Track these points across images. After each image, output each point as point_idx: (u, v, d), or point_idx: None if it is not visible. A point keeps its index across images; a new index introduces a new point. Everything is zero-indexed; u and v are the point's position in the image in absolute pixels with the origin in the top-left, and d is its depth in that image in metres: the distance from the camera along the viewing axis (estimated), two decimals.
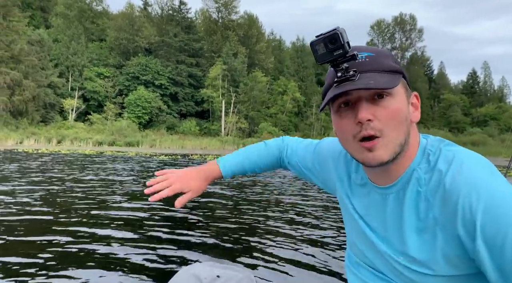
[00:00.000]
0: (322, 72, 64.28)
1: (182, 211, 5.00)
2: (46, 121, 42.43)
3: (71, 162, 14.49)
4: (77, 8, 52.69)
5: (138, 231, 3.88)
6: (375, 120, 0.76)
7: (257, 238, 3.71)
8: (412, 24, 67.61)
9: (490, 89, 75.03)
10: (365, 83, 0.73)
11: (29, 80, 39.65)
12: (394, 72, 0.79)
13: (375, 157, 0.76)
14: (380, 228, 0.86)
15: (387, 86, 0.73)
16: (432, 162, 0.78)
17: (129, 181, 8.55)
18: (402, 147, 0.77)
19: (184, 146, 39.09)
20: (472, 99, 67.04)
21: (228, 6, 58.97)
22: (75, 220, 4.30)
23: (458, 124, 59.30)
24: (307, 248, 3.42)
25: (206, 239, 3.61)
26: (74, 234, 3.61)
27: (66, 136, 37.08)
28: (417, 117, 0.83)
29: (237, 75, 50.95)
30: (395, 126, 0.76)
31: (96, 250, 3.13)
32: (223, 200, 6.25)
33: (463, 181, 0.71)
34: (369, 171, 0.88)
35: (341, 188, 0.99)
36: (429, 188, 0.76)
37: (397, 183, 0.81)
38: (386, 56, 0.80)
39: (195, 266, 1.07)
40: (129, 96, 46.78)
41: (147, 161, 17.51)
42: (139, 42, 51.40)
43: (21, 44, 39.79)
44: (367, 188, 0.90)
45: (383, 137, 0.76)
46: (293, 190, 7.79)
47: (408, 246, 0.78)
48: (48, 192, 6.31)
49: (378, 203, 0.86)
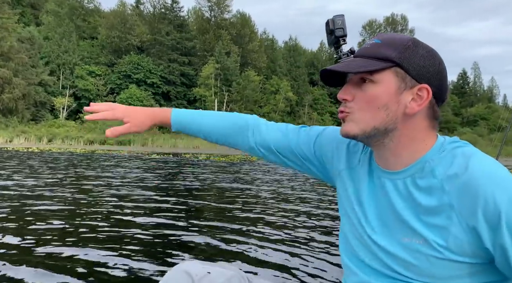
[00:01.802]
0: (314, 71, 64.51)
1: (171, 210, 5.00)
2: (36, 120, 42.02)
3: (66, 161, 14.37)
4: (68, 5, 52.26)
5: (127, 230, 3.88)
6: (352, 101, 0.84)
7: (247, 237, 3.73)
8: (404, 24, 68.21)
9: (480, 90, 76.01)
10: (344, 65, 0.84)
11: (19, 78, 39.24)
12: (384, 60, 0.81)
13: (342, 129, 0.87)
14: (383, 214, 0.87)
15: (356, 70, 0.81)
16: (449, 156, 0.80)
17: (117, 180, 8.52)
18: (379, 132, 0.83)
19: (176, 145, 38.99)
20: (462, 100, 67.83)
21: (221, 5, 58.94)
22: (62, 219, 4.28)
23: (448, 124, 59.92)
24: (299, 246, 3.45)
25: (196, 238, 3.62)
26: (65, 233, 3.60)
27: (57, 135, 36.79)
28: (412, 109, 0.81)
29: (229, 74, 50.93)
30: (368, 109, 0.82)
31: (82, 252, 3.12)
32: (214, 198, 6.26)
33: (484, 175, 0.73)
34: (378, 154, 0.90)
35: (347, 175, 0.98)
36: (446, 178, 0.78)
37: (407, 169, 0.84)
38: (392, 45, 0.82)
39: (185, 264, 1.08)
40: (121, 95, 46.51)
41: (143, 160, 17.42)
42: (131, 40, 51.11)
43: (11, 41, 39.37)
44: (375, 173, 0.91)
45: (352, 114, 0.84)
46: (286, 187, 7.82)
47: (415, 228, 0.80)
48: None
49: (384, 188, 0.87)
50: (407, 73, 0.81)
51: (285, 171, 12.79)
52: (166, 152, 29.22)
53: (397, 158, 0.85)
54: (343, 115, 0.86)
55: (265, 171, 13.05)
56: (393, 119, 0.82)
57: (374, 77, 0.81)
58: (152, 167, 12.87)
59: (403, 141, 0.84)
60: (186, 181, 8.82)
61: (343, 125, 0.87)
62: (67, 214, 4.54)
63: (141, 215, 4.64)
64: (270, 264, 2.92)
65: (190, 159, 19.50)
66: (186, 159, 20.00)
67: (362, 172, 0.94)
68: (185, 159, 19.37)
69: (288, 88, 53.90)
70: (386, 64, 0.80)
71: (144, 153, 25.83)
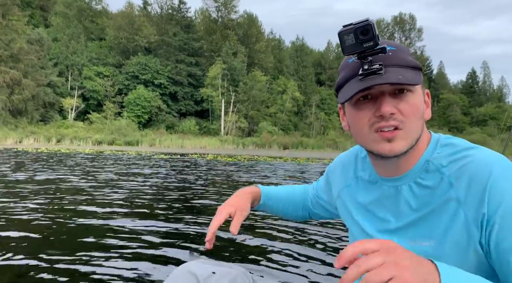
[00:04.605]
0: (321, 71, 64.37)
1: (176, 209, 5.01)
2: (45, 121, 42.45)
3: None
4: (76, 7, 52.73)
5: (130, 228, 3.88)
6: (397, 113, 0.76)
7: (253, 236, 3.72)
8: (412, 23, 67.80)
9: (490, 89, 75.25)
10: (395, 77, 0.73)
11: (28, 79, 39.68)
12: (415, 68, 0.78)
13: (392, 148, 0.77)
14: (393, 220, 0.85)
15: (415, 82, 0.73)
16: (450, 151, 0.80)
17: (115, 180, 8.55)
18: (416, 141, 0.79)
19: (183, 145, 39.12)
20: (471, 99, 67.21)
21: (228, 6, 59.05)
22: (64, 219, 4.31)
23: (457, 124, 59.41)
24: (305, 247, 3.42)
25: (199, 238, 3.62)
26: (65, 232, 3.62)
27: (66, 136, 37.12)
28: (429, 114, 0.84)
29: (236, 74, 50.98)
30: (414, 120, 0.77)
31: (83, 252, 3.13)
32: (219, 197, 6.26)
33: (491, 164, 0.73)
34: (378, 164, 0.88)
35: (346, 193, 1.00)
36: (452, 172, 0.77)
37: (408, 173, 0.82)
38: (406, 51, 0.80)
39: (190, 264, 1.08)
40: (129, 96, 46.82)
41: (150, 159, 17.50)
42: (139, 41, 51.43)
43: (21, 43, 39.81)
44: (377, 183, 0.89)
45: (404, 129, 0.76)
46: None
47: (422, 230, 0.79)
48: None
49: (391, 195, 0.86)
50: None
51: (291, 169, 12.77)
52: (174, 152, 29.33)
53: (397, 165, 0.83)
54: (395, 134, 0.76)
55: (271, 170, 13.03)
56: (423, 127, 0.81)
57: (413, 87, 0.77)
58: (159, 167, 12.92)
59: (415, 148, 0.81)
60: (192, 180, 8.83)
61: (394, 144, 0.77)
62: (68, 214, 4.56)
63: (145, 214, 4.66)
64: (275, 264, 2.90)
65: (197, 159, 19.56)
66: (194, 159, 20.05)
67: (361, 185, 0.96)
68: (192, 159, 19.42)
69: (295, 88, 53.80)
70: (421, 73, 0.79)
71: (152, 153, 25.96)
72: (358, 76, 0.76)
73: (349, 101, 0.82)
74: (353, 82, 0.78)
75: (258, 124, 49.47)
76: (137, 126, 44.55)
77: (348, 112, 0.84)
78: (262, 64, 56.67)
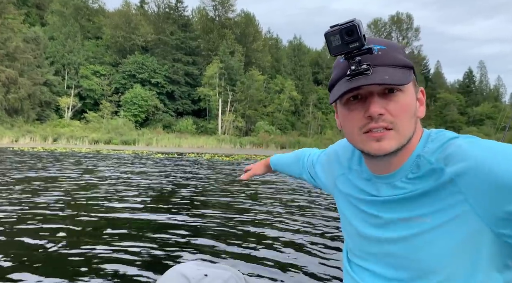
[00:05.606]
0: (319, 70, 64.37)
1: (171, 209, 4.97)
2: (41, 120, 42.25)
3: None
4: (73, 5, 52.49)
5: (124, 230, 3.85)
6: (386, 114, 0.76)
7: (247, 237, 3.69)
8: (409, 23, 67.81)
9: (486, 89, 75.46)
10: (380, 78, 0.73)
11: (24, 78, 39.46)
12: (406, 67, 0.78)
13: (381, 147, 0.77)
14: (384, 219, 0.84)
15: (402, 82, 0.73)
16: (439, 144, 0.79)
17: (113, 180, 8.52)
18: (408, 140, 0.78)
19: (180, 145, 39.02)
20: (468, 98, 67.36)
21: (225, 5, 58.91)
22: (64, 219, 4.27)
23: (454, 123, 59.53)
24: (299, 247, 3.41)
25: (193, 238, 3.59)
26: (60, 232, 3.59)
27: (62, 135, 36.97)
28: (423, 112, 0.83)
29: (234, 73, 50.90)
30: (405, 120, 0.77)
31: (78, 251, 3.10)
32: (216, 197, 6.24)
33: (492, 150, 0.71)
34: (370, 162, 0.88)
35: (345, 180, 0.99)
36: (441, 161, 0.76)
37: (400, 170, 0.82)
38: (398, 50, 0.79)
39: (182, 266, 1.05)
40: (126, 95, 46.65)
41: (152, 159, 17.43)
42: (136, 40, 51.24)
43: (17, 41, 39.56)
44: (371, 181, 0.89)
45: (395, 129, 0.76)
46: (290, 187, 7.79)
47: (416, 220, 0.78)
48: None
49: (383, 192, 0.85)
50: (415, 77, 0.81)
51: None
52: (171, 151, 29.25)
53: (389, 162, 0.83)
54: (384, 134, 0.77)
55: None
56: (415, 125, 0.81)
57: (403, 86, 0.77)
58: (156, 166, 12.88)
59: (408, 146, 0.80)
60: (189, 180, 8.80)
61: (383, 143, 0.77)
62: (66, 214, 4.53)
63: (140, 214, 4.62)
64: (269, 264, 2.88)
65: (194, 158, 19.50)
66: (191, 158, 19.99)
67: (355, 180, 0.96)
68: (190, 159, 19.36)
69: (293, 87, 53.75)
70: (411, 72, 0.79)
71: (148, 152, 25.87)
72: (346, 76, 0.77)
73: (339, 102, 0.83)
74: (342, 82, 0.78)
75: (255, 123, 49.41)
76: (134, 126, 44.41)
77: (340, 112, 0.85)
78: (260, 64, 56.60)
